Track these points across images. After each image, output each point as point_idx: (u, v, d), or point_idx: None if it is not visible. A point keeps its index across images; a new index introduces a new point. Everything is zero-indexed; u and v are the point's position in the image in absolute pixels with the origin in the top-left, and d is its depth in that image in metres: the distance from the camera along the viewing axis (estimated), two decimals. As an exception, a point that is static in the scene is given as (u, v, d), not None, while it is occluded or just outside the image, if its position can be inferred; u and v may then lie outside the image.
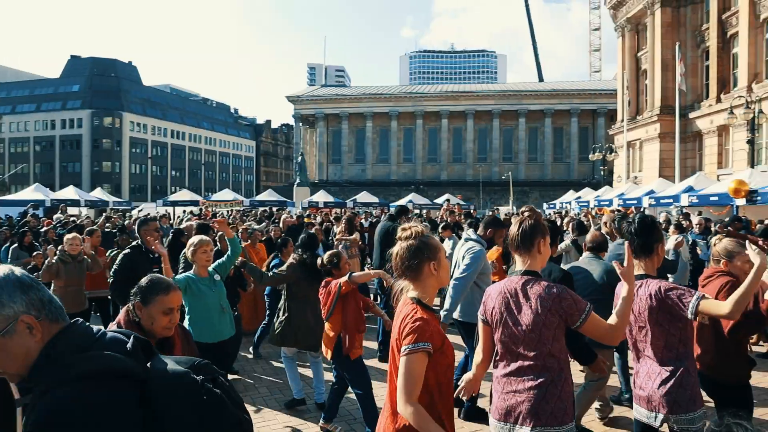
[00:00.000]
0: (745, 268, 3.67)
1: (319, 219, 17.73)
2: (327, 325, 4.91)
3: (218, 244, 7.15)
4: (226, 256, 5.27)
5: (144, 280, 2.72)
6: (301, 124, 70.10)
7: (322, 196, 35.20)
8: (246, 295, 7.98)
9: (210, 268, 5.01)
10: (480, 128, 67.62)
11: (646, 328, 3.05)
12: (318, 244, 6.87)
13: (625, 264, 2.71)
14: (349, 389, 5.08)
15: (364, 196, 36.00)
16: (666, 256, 6.31)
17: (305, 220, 16.99)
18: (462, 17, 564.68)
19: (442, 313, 5.31)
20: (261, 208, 30.21)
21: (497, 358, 2.83)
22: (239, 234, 10.25)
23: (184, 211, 25.92)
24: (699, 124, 31.62)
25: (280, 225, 13.51)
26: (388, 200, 41.34)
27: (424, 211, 32.35)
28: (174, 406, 1.49)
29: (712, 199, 15.78)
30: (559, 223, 12.96)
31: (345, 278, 4.80)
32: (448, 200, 30.07)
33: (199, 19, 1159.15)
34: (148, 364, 1.54)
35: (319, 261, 5.20)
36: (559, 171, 66.68)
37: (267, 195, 36.01)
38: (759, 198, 13.84)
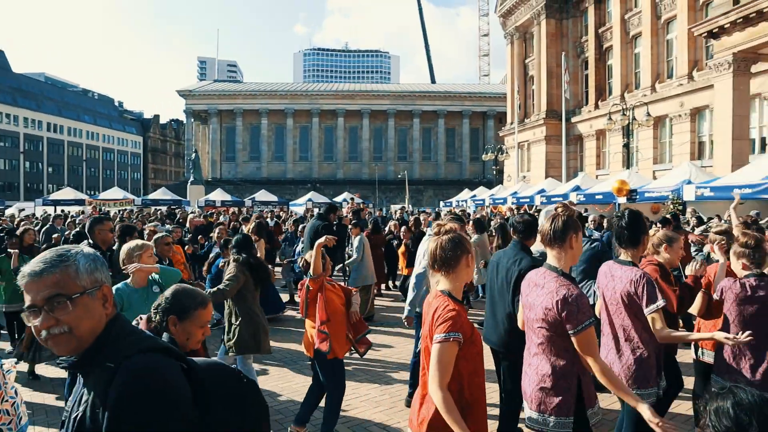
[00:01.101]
0: (679, 253, 4.27)
1: (222, 219, 17.33)
2: (307, 323, 4.84)
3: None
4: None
5: (175, 292, 2.47)
6: (192, 119, 67.51)
7: (219, 195, 34.27)
8: None
9: (153, 277, 4.41)
10: (375, 127, 68.57)
11: (619, 307, 3.43)
12: (253, 246, 6.80)
13: None
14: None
15: (262, 195, 35.47)
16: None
17: (209, 220, 16.58)
18: (355, 16, 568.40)
19: (407, 307, 5.53)
20: (153, 207, 28.95)
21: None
22: (146, 236, 9.91)
23: (63, 211, 24.22)
24: (580, 128, 34.17)
25: (187, 225, 13.18)
26: (285, 199, 40.99)
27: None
28: (220, 390, 1.68)
29: (597, 197, 17.26)
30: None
31: (307, 278, 4.73)
32: (352, 198, 30.40)
33: (77, 2, 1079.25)
34: None
35: (301, 261, 4.97)
36: (452, 170, 69.13)
37: (160, 194, 34.50)
38: (637, 196, 15.35)
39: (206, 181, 50.24)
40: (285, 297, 11.33)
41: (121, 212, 24.04)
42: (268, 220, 16.68)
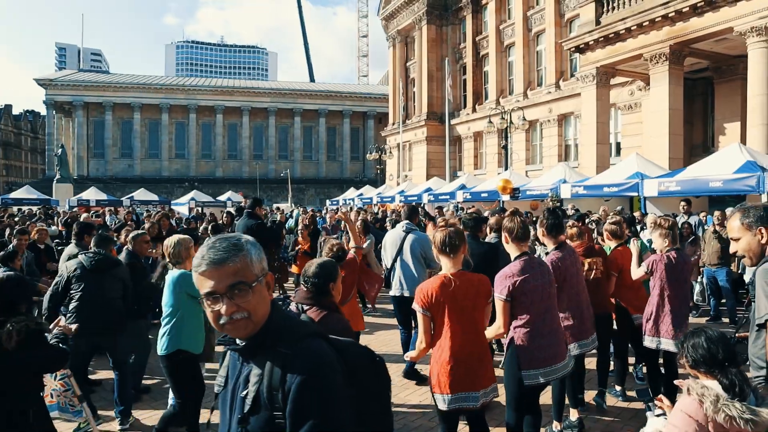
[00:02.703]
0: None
1: (109, 219, 16.53)
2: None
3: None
4: None
5: (321, 265, 3.01)
6: (54, 112, 62.33)
7: (93, 194, 32.14)
8: None
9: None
10: (256, 125, 67.44)
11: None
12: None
13: None
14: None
15: (141, 194, 33.79)
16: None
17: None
18: (230, 9, 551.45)
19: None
20: (17, 207, 26.63)
21: (528, 318, 3.69)
22: (37, 237, 9.43)
23: None
24: (459, 129, 36.08)
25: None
26: (164, 197, 39.28)
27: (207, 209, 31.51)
28: (359, 368, 1.83)
29: (483, 195, 18.59)
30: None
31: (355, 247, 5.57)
32: (247, 197, 30.02)
33: None
34: None
35: (330, 247, 5.28)
36: (333, 169, 69.78)
37: (24, 192, 31.65)
38: (519, 194, 16.80)
39: (72, 179, 46.79)
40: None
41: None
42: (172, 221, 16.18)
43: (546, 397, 4.56)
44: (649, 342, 4.83)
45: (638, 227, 9.73)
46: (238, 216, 15.75)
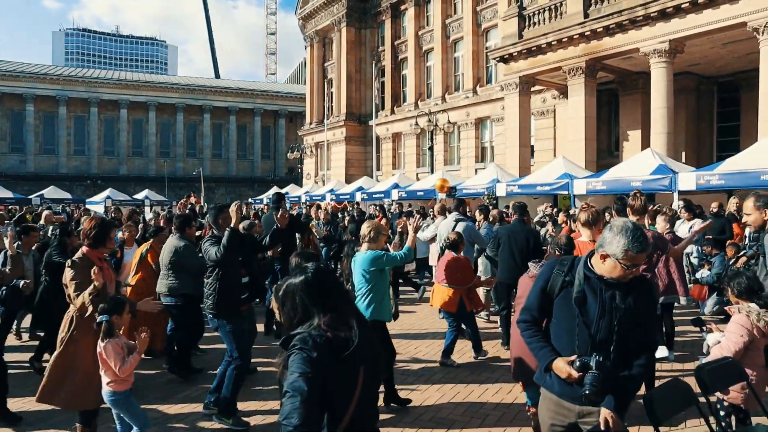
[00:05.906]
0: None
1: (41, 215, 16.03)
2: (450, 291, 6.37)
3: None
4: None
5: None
6: (-69, 101, 56.99)
7: (-4, 191, 30.14)
8: None
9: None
10: (163, 121, 65.22)
11: None
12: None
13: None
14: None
15: (52, 192, 32.07)
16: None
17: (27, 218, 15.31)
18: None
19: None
20: None
21: None
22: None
23: None
24: (377, 130, 37.22)
25: (42, 222, 12.33)
26: (77, 196, 37.38)
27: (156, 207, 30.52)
28: None
29: (419, 194, 19.77)
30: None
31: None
32: (192, 193, 29.83)
33: None
34: None
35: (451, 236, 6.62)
36: (243, 168, 68.85)
37: None
38: (455, 193, 18.12)
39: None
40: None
41: None
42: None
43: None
44: (668, 299, 6.15)
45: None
46: (192, 214, 15.95)
